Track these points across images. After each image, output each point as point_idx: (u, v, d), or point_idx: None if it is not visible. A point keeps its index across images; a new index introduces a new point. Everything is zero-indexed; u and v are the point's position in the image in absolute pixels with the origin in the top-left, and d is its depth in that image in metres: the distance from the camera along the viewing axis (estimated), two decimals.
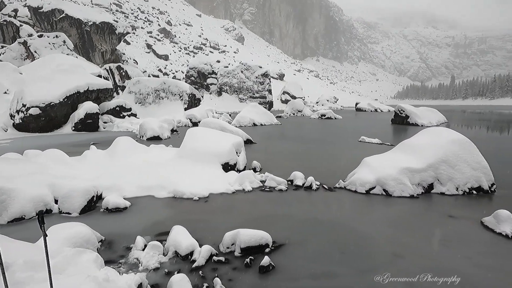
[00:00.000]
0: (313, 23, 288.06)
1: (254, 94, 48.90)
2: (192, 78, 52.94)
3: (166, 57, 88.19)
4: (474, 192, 5.99)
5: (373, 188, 6.04)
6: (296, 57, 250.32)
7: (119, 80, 35.65)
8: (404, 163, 6.28)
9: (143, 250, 3.62)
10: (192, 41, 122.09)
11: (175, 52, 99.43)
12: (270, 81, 51.12)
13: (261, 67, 51.62)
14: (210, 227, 4.40)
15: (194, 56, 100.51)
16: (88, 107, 17.96)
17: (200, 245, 3.66)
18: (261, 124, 22.37)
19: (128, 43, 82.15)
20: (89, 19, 36.96)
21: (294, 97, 57.76)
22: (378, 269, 3.26)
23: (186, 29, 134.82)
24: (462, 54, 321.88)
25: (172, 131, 16.88)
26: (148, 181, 6.16)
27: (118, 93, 32.91)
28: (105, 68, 34.00)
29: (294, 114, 36.80)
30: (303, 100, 57.75)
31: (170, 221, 4.47)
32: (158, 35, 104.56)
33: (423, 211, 5.16)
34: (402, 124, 21.51)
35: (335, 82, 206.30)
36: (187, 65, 64.94)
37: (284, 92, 62.63)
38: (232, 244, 3.73)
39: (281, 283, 3.05)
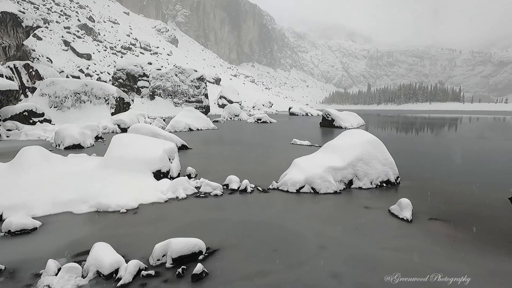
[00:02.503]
0: (247, 30, 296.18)
1: (190, 98, 47.68)
2: (121, 80, 48.93)
3: (88, 57, 79.54)
4: (384, 184, 6.93)
5: (303, 187, 6.48)
6: (232, 62, 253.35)
7: (27, 81, 30.65)
8: (329, 163, 6.90)
9: (56, 274, 3.18)
10: (119, 40, 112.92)
11: (99, 52, 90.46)
12: (206, 85, 50.55)
13: (196, 71, 50.71)
14: (139, 240, 4.11)
15: (122, 57, 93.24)
16: None
17: (127, 261, 3.39)
18: (198, 129, 21.93)
19: (40, 39, 71.64)
20: None
21: (231, 102, 58.27)
22: (305, 262, 3.51)
23: (112, 27, 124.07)
24: (375, 65, 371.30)
25: (97, 138, 15.28)
26: (65, 195, 5.44)
27: (26, 96, 28.29)
28: (9, 66, 28.88)
29: (231, 118, 37.14)
30: (240, 104, 58.71)
31: (91, 239, 4.03)
32: (78, 31, 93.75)
33: (345, 204, 5.74)
34: (329, 127, 23.64)
35: (270, 88, 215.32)
36: (114, 66, 59.70)
37: (221, 97, 62.64)
38: (163, 256, 3.56)
39: None
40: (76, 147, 12.50)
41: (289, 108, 51.44)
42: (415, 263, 3.49)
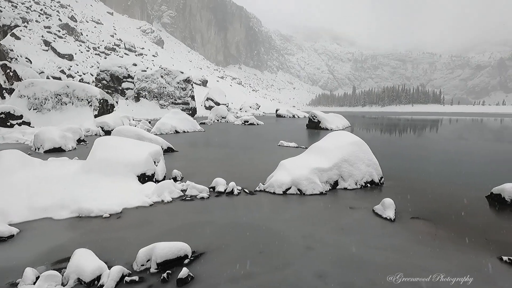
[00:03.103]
0: (234, 32, 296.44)
1: (176, 100, 47.11)
2: (104, 81, 47.82)
3: (70, 57, 77.24)
4: (369, 185, 7.07)
5: (289, 188, 6.51)
6: (219, 64, 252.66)
7: (5, 82, 29.46)
8: (314, 164, 6.98)
9: (34, 283, 3.06)
10: (103, 40, 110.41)
11: (81, 52, 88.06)
12: (192, 87, 50.10)
13: (182, 73, 50.15)
14: (123, 246, 4.02)
15: (106, 58, 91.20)
16: None
17: (110, 267, 3.30)
18: (184, 131, 21.70)
19: (18, 38, 69.08)
20: None
21: (218, 104, 58.00)
22: (291, 263, 3.52)
23: (95, 27, 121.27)
24: (360, 68, 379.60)
25: (79, 141, 14.87)
26: (44, 200, 5.25)
27: (3, 97, 27.20)
28: None
29: (218, 120, 36.97)
30: (227, 106, 58.58)
31: (72, 245, 3.90)
32: (59, 31, 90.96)
33: (330, 205, 5.82)
34: (315, 128, 23.92)
35: (257, 90, 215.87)
36: (98, 67, 58.30)
37: (207, 99, 62.24)
38: (147, 261, 3.49)
39: None
40: (57, 151, 12.10)
41: (276, 110, 51.70)
42: (397, 261, 3.57)
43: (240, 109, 68.72)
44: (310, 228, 4.62)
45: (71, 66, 73.56)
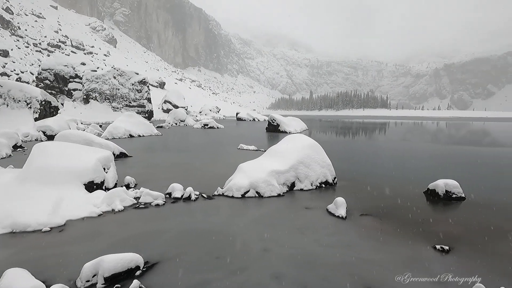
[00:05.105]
0: (193, 34, 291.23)
1: (130, 102, 44.68)
2: (47, 81, 43.57)
3: (5, 53, 69.06)
4: (323, 185, 7.41)
5: (248, 191, 6.54)
6: (177, 66, 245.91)
7: None
8: (272, 166, 7.12)
9: None
10: (45, 36, 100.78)
11: (19, 48, 79.32)
12: (149, 89, 48.00)
13: (137, 73, 47.80)
14: (66, 261, 3.67)
15: (49, 55, 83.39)
16: None
17: (49, 286, 2.99)
18: (139, 136, 20.64)
19: None
20: None
21: (176, 107, 56.27)
22: (248, 266, 3.53)
23: (36, 21, 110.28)
24: (316, 74, 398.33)
25: (16, 147, 13.31)
26: None
27: None
28: None
29: (176, 124, 35.91)
30: (186, 109, 57.12)
31: (3, 265, 3.45)
32: None
33: (287, 206, 5.97)
34: (274, 131, 24.44)
35: (217, 93, 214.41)
36: (39, 65, 52.89)
37: (165, 101, 60.03)
38: (93, 276, 3.23)
39: None
40: None
41: (237, 114, 51.87)
42: (348, 258, 3.79)
43: (200, 112, 67.49)
44: (268, 230, 4.68)
45: (6, 64, 65.76)
